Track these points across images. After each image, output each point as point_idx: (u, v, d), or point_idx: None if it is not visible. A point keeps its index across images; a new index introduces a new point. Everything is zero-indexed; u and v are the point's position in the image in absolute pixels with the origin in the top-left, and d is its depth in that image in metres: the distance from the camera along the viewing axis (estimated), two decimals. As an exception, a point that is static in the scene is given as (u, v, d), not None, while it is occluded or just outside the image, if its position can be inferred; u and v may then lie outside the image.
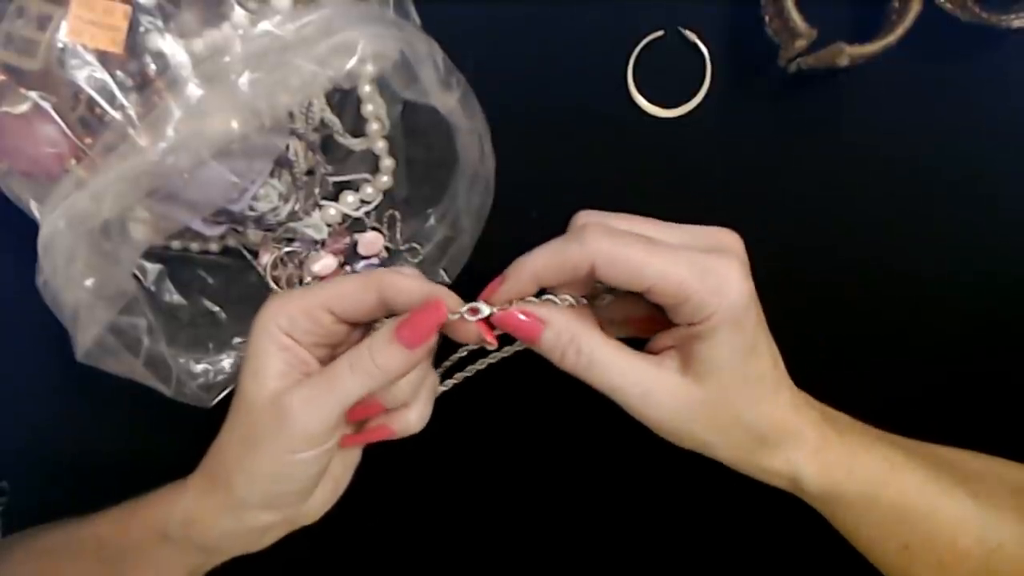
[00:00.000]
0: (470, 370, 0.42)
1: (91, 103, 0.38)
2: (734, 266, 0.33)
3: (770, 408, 0.35)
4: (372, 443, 0.37)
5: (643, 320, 0.37)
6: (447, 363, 0.42)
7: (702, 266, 0.32)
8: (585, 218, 0.36)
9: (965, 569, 0.35)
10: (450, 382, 0.41)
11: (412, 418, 0.37)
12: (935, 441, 0.39)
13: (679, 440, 0.35)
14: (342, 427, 0.35)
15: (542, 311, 0.34)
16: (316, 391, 0.33)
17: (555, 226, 0.39)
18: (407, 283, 0.34)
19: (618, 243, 0.32)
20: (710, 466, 0.36)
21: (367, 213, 0.46)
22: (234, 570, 0.39)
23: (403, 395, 0.36)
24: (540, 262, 0.34)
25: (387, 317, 0.36)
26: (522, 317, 0.34)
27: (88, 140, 0.39)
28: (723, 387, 0.34)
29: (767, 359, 0.35)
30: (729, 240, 0.35)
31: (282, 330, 0.34)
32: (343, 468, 0.38)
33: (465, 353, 0.42)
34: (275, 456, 0.34)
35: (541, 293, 0.35)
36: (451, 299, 0.34)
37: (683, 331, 0.34)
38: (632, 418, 0.35)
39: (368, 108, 0.45)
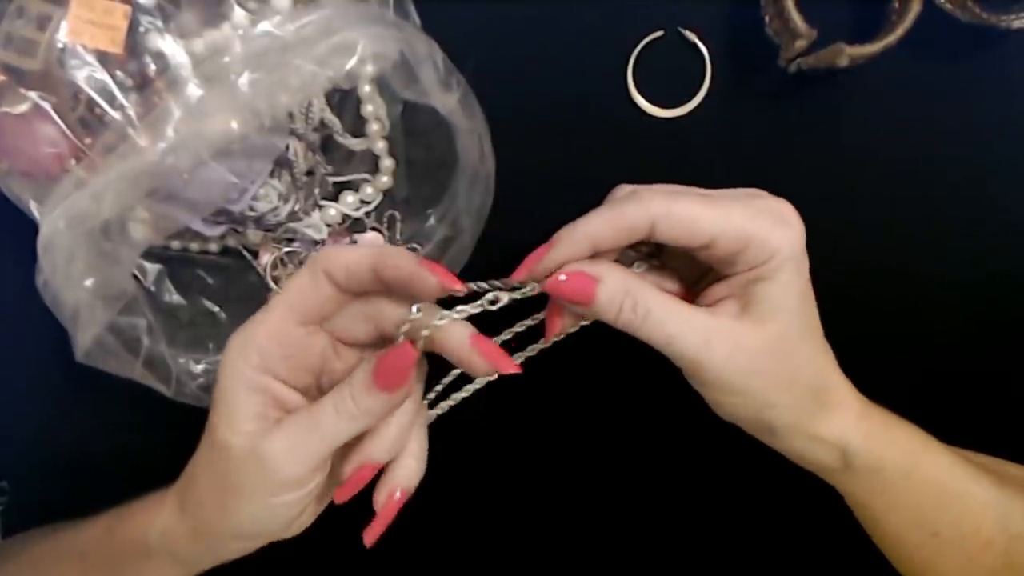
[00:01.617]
0: (466, 389, 0.40)
1: (91, 103, 0.38)
2: (789, 207, 0.33)
3: (825, 362, 0.34)
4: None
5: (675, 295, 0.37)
6: (438, 387, 0.40)
7: (759, 207, 0.33)
8: (625, 189, 0.36)
9: (988, 558, 0.35)
10: (446, 404, 0.40)
11: (412, 465, 0.35)
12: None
13: (737, 401, 0.34)
14: (326, 467, 0.34)
15: (593, 269, 0.33)
16: (299, 437, 0.32)
17: (555, 226, 0.39)
18: (343, 256, 0.32)
19: (678, 199, 0.32)
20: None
21: (367, 213, 0.46)
22: (233, 570, 0.39)
23: (393, 447, 0.35)
24: (596, 224, 0.33)
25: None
26: (575, 280, 0.33)
27: (88, 140, 0.39)
28: (785, 331, 0.33)
29: (815, 314, 0.34)
30: (769, 195, 0.35)
31: (253, 367, 0.33)
32: (329, 485, 0.37)
33: (455, 377, 0.40)
34: (256, 501, 0.33)
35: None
36: (401, 257, 0.32)
37: (742, 277, 0.33)
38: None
39: (368, 108, 0.45)
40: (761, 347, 0.33)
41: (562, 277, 0.33)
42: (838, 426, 0.34)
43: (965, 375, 0.46)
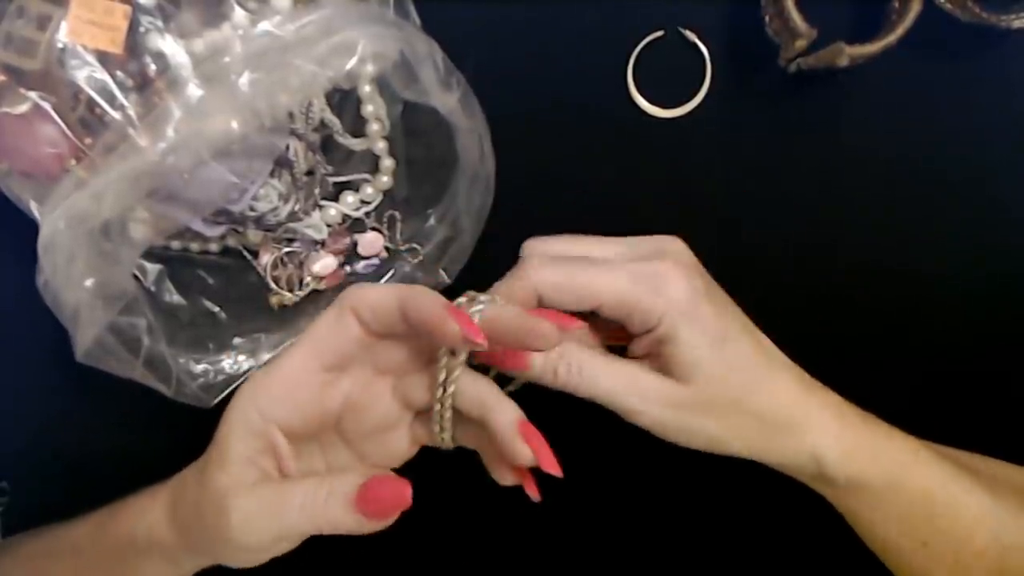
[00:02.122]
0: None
1: (91, 103, 0.38)
2: (670, 267, 0.33)
3: (771, 391, 0.35)
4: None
5: (617, 330, 0.37)
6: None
7: (638, 274, 0.33)
8: (529, 248, 0.37)
9: (980, 568, 0.35)
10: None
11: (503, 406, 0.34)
12: (935, 441, 0.39)
13: (688, 440, 0.35)
14: (287, 541, 0.33)
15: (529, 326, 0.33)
16: (263, 511, 0.31)
17: (555, 226, 0.39)
18: (370, 294, 0.32)
19: (558, 270, 0.33)
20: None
21: (367, 213, 0.46)
22: (232, 569, 0.39)
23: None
24: (492, 311, 0.32)
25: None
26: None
27: (88, 140, 0.39)
28: (708, 382, 0.33)
29: (746, 345, 0.35)
30: (670, 245, 0.35)
31: (261, 413, 0.32)
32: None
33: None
34: (218, 549, 0.33)
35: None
36: (428, 300, 0.31)
37: (647, 338, 0.34)
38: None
39: (368, 108, 0.45)
40: (691, 399, 0.33)
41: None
42: (806, 446, 0.35)
43: (965, 375, 0.46)
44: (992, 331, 0.46)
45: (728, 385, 0.34)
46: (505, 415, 0.32)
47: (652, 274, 0.33)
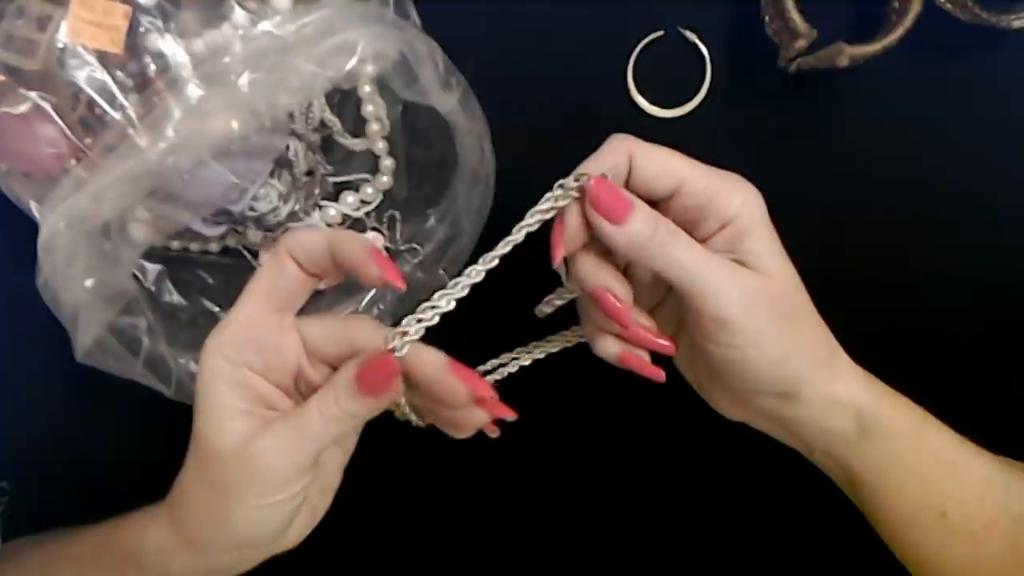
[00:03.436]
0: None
1: (91, 103, 0.38)
2: (745, 179, 0.35)
3: (824, 325, 0.35)
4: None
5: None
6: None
7: (721, 173, 0.34)
8: (621, 140, 0.36)
9: (994, 542, 0.35)
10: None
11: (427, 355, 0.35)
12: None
13: (754, 354, 0.33)
14: (315, 468, 0.34)
15: (628, 194, 0.33)
16: (288, 438, 0.32)
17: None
18: (303, 237, 0.33)
19: (651, 146, 0.34)
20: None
21: (367, 213, 0.46)
22: None
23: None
24: (584, 168, 0.34)
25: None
26: (614, 196, 0.33)
27: (88, 140, 0.39)
28: (788, 283, 0.34)
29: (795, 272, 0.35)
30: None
31: (230, 360, 0.33)
32: (320, 495, 0.37)
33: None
34: (247, 503, 0.33)
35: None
36: (353, 244, 0.33)
37: (724, 238, 0.34)
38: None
39: (368, 108, 0.45)
40: (774, 294, 0.33)
41: (619, 192, 0.33)
42: (850, 385, 0.35)
43: (965, 375, 0.46)
44: (992, 331, 0.46)
45: (799, 291, 0.34)
46: (431, 363, 0.34)
47: (732, 176, 0.34)
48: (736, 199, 0.33)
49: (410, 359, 0.33)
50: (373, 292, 0.46)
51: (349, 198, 0.46)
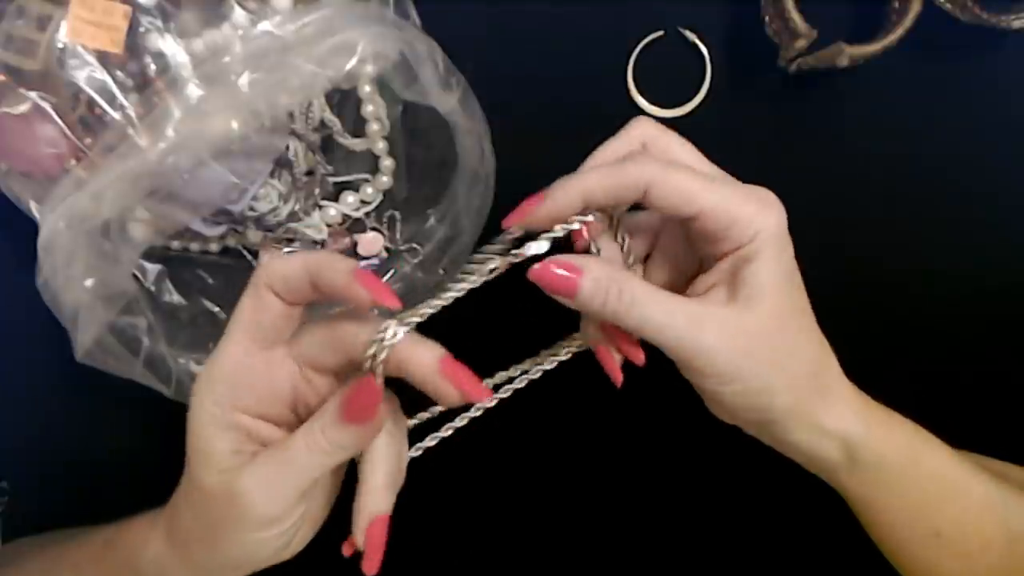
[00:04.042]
0: (446, 428, 0.39)
1: (91, 103, 0.38)
2: (772, 194, 0.34)
3: (819, 347, 0.34)
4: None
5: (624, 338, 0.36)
6: (414, 420, 0.40)
7: (746, 190, 0.34)
8: (640, 127, 0.36)
9: (989, 558, 0.35)
10: (422, 446, 0.39)
11: (379, 485, 0.34)
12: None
13: (734, 389, 0.33)
14: (304, 503, 0.33)
15: (577, 261, 0.33)
16: (273, 474, 0.31)
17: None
18: (279, 267, 0.32)
19: (674, 170, 0.33)
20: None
21: (367, 213, 0.46)
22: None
23: (388, 492, 0.34)
24: (592, 181, 0.33)
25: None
26: (558, 270, 0.32)
27: (88, 140, 0.39)
28: (775, 310, 0.33)
29: (806, 295, 0.34)
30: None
31: (221, 404, 0.32)
32: (320, 507, 0.36)
33: (437, 414, 0.40)
34: (238, 537, 0.32)
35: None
36: (335, 269, 0.31)
37: (728, 262, 0.33)
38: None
39: (368, 108, 0.45)
40: (753, 328, 0.32)
41: (556, 269, 0.32)
42: (839, 415, 0.34)
43: (965, 375, 0.46)
44: (992, 331, 0.46)
45: (790, 321, 0.33)
46: (424, 363, 0.31)
47: (756, 193, 0.34)
48: (752, 227, 0.33)
49: (403, 355, 0.32)
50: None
51: (349, 198, 0.46)
